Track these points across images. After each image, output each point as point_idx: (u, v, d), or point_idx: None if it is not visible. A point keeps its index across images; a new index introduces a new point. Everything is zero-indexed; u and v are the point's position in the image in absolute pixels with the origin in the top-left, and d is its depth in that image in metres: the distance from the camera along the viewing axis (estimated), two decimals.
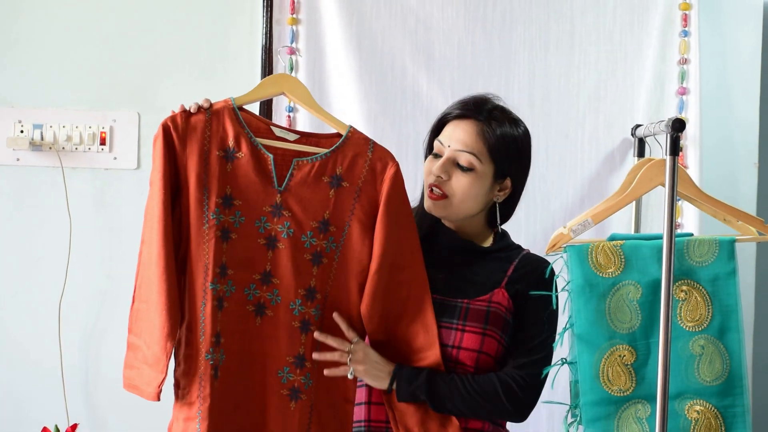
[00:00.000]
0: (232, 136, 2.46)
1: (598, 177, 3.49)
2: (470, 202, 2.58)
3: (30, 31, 3.57)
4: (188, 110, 2.46)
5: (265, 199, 2.46)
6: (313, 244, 2.47)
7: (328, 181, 2.48)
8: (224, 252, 2.44)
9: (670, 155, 2.63)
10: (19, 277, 3.59)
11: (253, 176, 2.46)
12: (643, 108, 3.50)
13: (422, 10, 3.51)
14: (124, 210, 3.57)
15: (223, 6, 3.59)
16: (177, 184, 2.44)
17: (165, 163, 2.41)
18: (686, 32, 3.48)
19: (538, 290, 2.55)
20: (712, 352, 2.68)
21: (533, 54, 3.52)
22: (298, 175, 2.47)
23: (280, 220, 2.46)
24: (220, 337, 2.43)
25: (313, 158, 2.48)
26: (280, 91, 2.59)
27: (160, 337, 2.41)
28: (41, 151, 3.55)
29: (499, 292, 2.55)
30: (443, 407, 2.50)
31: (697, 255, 2.71)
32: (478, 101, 2.61)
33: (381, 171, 2.49)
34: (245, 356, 2.46)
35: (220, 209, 2.44)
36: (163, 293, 2.40)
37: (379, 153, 2.51)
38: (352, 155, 2.49)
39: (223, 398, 2.44)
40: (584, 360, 2.65)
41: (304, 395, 2.46)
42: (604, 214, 2.75)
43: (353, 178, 2.48)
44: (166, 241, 2.41)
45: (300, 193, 2.47)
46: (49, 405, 3.55)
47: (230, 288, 2.45)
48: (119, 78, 3.57)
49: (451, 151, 2.56)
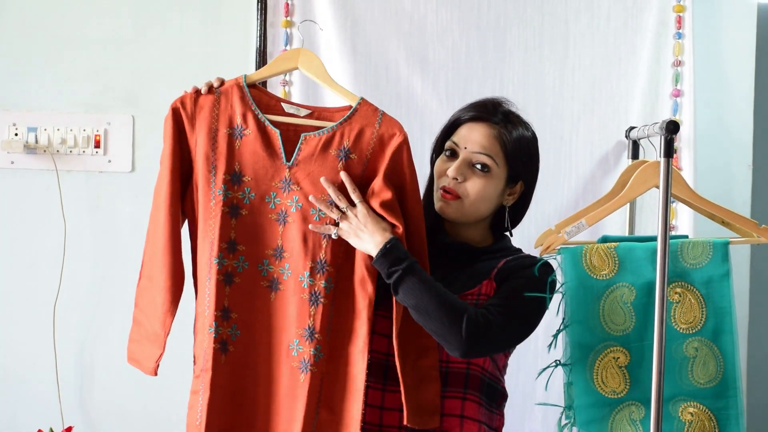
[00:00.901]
0: (240, 113, 2.50)
1: (593, 179, 3.50)
2: (482, 204, 2.58)
3: (23, 35, 3.57)
4: (199, 90, 2.51)
5: (274, 175, 2.49)
6: (322, 217, 2.48)
7: (335, 153, 2.49)
8: (233, 228, 2.49)
9: (664, 157, 2.64)
10: (13, 280, 3.59)
11: (261, 152, 2.49)
12: (637, 110, 3.50)
13: (416, 13, 3.51)
14: (118, 213, 3.56)
15: (217, 9, 3.59)
16: (189, 164, 2.50)
17: (174, 143, 2.48)
18: (680, 34, 3.49)
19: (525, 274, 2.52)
20: (706, 354, 2.68)
21: (527, 56, 3.52)
22: (306, 150, 2.49)
23: (290, 195, 2.49)
24: (230, 311, 2.49)
25: (320, 132, 2.50)
26: (294, 65, 2.61)
27: (160, 313, 2.49)
28: (36, 154, 3.55)
29: (488, 283, 2.54)
30: (403, 283, 2.40)
31: (691, 257, 2.71)
32: (494, 104, 2.61)
33: (388, 141, 2.50)
34: (259, 331, 2.51)
35: (228, 186, 2.48)
36: (165, 270, 2.48)
37: (388, 124, 2.52)
38: (359, 127, 2.51)
39: (232, 372, 2.49)
40: (578, 362, 2.65)
41: (314, 368, 2.47)
42: (599, 216, 2.76)
43: (361, 150, 2.50)
44: (171, 219, 2.48)
45: (308, 168, 2.49)
46: (44, 408, 3.55)
47: (242, 264, 2.49)
48: (113, 81, 3.57)
49: (468, 152, 2.56)
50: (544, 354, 2.77)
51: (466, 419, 2.53)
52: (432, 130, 3.34)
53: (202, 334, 2.50)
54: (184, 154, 2.50)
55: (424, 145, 3.16)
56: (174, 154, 2.48)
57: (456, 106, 3.40)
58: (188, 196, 2.52)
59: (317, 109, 2.60)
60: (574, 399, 2.66)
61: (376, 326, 2.52)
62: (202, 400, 2.47)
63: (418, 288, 2.40)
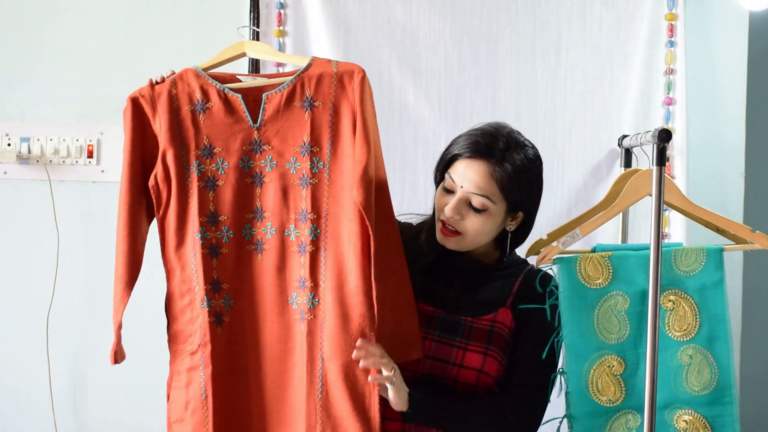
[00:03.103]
0: (198, 89, 2.57)
1: (585, 188, 3.50)
2: (482, 238, 2.61)
3: (16, 45, 3.56)
4: (153, 81, 2.59)
5: (243, 139, 2.55)
6: (298, 169, 2.54)
7: (300, 105, 2.55)
8: (211, 201, 2.54)
9: (657, 165, 2.64)
10: (6, 290, 3.58)
11: (227, 120, 2.55)
12: (629, 118, 3.50)
13: (409, 22, 3.51)
14: (111, 223, 3.52)
15: (210, 18, 3.59)
16: (154, 151, 2.55)
17: (134, 133, 2.55)
18: (672, 43, 3.49)
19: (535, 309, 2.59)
20: (701, 361, 2.68)
21: (520, 65, 3.52)
22: (270, 108, 2.55)
23: (262, 156, 2.55)
24: (220, 283, 2.54)
25: (280, 88, 2.56)
26: (241, 51, 2.72)
27: (117, 301, 2.54)
28: (28, 164, 3.55)
29: (504, 311, 2.58)
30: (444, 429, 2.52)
31: (684, 264, 2.72)
32: (490, 139, 2.59)
33: (349, 81, 2.55)
34: (250, 295, 2.56)
35: (201, 161, 2.54)
36: (122, 258, 2.54)
37: (344, 66, 2.58)
38: (317, 75, 2.56)
39: (232, 342, 2.54)
40: (573, 371, 2.65)
41: (309, 314, 2.52)
42: (593, 226, 2.76)
43: (324, 96, 2.55)
44: (129, 208, 2.55)
45: (276, 125, 2.55)
46: (37, 420, 3.54)
47: (227, 234, 2.55)
48: (106, 91, 3.57)
49: (464, 192, 2.56)
50: None
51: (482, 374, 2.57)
52: (425, 138, 3.37)
53: (190, 311, 2.54)
54: (148, 141, 2.55)
55: (417, 153, 3.17)
56: (134, 143, 2.55)
57: (448, 115, 3.43)
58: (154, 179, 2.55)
59: (272, 75, 2.71)
60: (570, 408, 2.66)
61: None
62: (204, 375, 2.51)
63: (458, 425, 2.51)
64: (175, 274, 2.56)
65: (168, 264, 2.57)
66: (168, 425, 2.61)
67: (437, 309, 2.60)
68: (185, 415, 2.54)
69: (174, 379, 2.58)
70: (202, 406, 2.52)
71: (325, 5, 3.49)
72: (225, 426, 2.54)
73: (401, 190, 3.03)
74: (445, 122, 3.43)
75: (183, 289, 2.55)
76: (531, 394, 2.56)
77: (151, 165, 2.55)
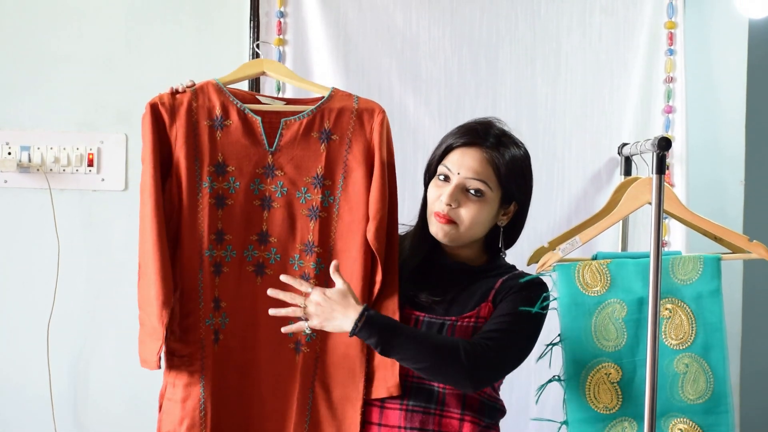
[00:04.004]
0: (219, 105, 2.56)
1: (585, 196, 3.50)
2: (477, 228, 2.59)
3: (17, 54, 3.57)
4: (175, 90, 2.57)
5: (257, 162, 2.56)
6: (309, 200, 2.55)
7: (317, 136, 2.56)
8: (220, 219, 2.55)
9: (657, 174, 2.65)
10: (7, 298, 3.58)
11: (243, 140, 2.55)
12: (629, 127, 3.51)
13: (409, 31, 3.51)
14: (112, 231, 3.56)
15: (210, 27, 3.59)
16: (169, 159, 2.54)
17: (154, 139, 2.52)
18: (672, 51, 3.50)
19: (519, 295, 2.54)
20: (696, 370, 2.68)
21: (520, 73, 3.53)
22: (288, 134, 2.56)
23: (274, 181, 2.56)
24: (220, 301, 2.54)
25: (300, 116, 2.57)
26: (261, 70, 2.73)
27: (155, 306, 2.50)
28: (29, 173, 3.55)
29: (485, 305, 2.55)
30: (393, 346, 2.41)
31: (681, 273, 2.72)
32: (484, 127, 2.61)
33: (369, 119, 2.57)
34: (249, 316, 2.56)
35: (213, 177, 2.54)
36: (156, 265, 2.49)
37: (365, 103, 2.59)
38: (338, 109, 2.57)
39: (225, 360, 2.55)
40: (571, 378, 2.66)
41: (306, 347, 2.54)
42: (592, 234, 2.77)
43: (342, 130, 2.56)
44: (157, 215, 2.50)
45: (291, 152, 2.56)
46: (38, 425, 3.54)
47: (230, 253, 2.56)
48: (107, 100, 3.57)
49: (461, 178, 2.56)
50: (536, 371, 2.77)
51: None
52: (425, 146, 3.36)
53: (193, 328, 2.52)
54: (164, 149, 2.54)
55: (417, 161, 3.17)
56: (155, 149, 2.52)
57: (448, 123, 3.43)
58: (167, 190, 2.53)
59: (292, 100, 2.69)
60: (567, 415, 2.66)
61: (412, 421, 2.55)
62: (204, 393, 2.51)
63: (407, 344, 2.42)
64: (179, 289, 2.53)
65: (175, 277, 2.54)
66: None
67: (422, 313, 2.58)
68: (180, 430, 2.52)
69: (168, 391, 2.57)
70: (200, 424, 2.51)
71: (325, 14, 3.49)
72: None
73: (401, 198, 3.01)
74: (445, 130, 3.38)
75: (188, 307, 2.53)
76: (489, 341, 2.45)
77: (165, 169, 2.55)
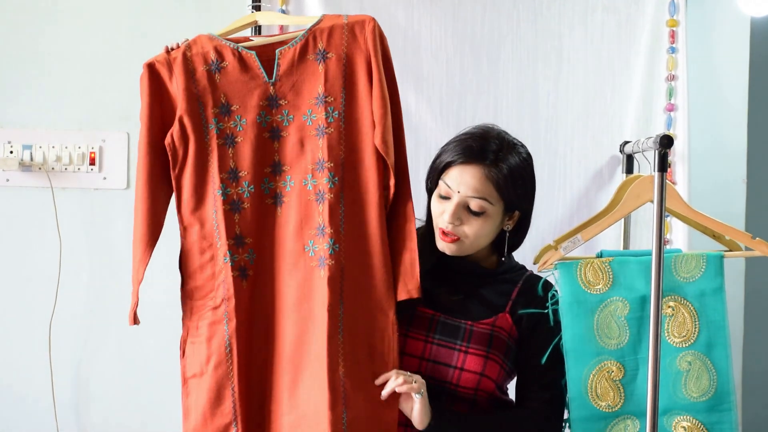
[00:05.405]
0: (213, 49, 2.62)
1: (587, 194, 3.50)
2: (483, 240, 2.62)
3: (18, 52, 3.57)
4: (169, 48, 2.65)
5: (260, 95, 2.60)
6: (314, 120, 2.58)
7: (313, 57, 2.60)
8: (231, 157, 2.59)
9: (659, 171, 2.65)
10: (9, 297, 3.58)
11: (242, 78, 2.60)
12: (631, 124, 3.50)
13: (410, 29, 3.51)
14: (114, 230, 3.56)
15: (211, 27, 3.57)
16: (171, 113, 2.60)
17: (151, 96, 2.60)
18: (674, 49, 3.49)
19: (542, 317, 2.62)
20: (699, 368, 2.68)
21: (521, 71, 3.52)
22: (284, 63, 2.60)
23: (279, 110, 2.60)
24: (243, 237, 2.58)
25: (293, 42, 2.61)
26: (253, 20, 2.82)
27: (140, 246, 2.59)
28: (31, 172, 3.55)
29: (503, 316, 2.59)
30: None
31: (684, 271, 2.72)
32: (481, 142, 2.60)
33: (361, 30, 2.60)
34: (272, 248, 2.60)
35: (219, 118, 2.59)
36: (143, 205, 2.60)
37: (354, 17, 2.63)
38: (329, 28, 2.61)
39: (250, 296, 2.58)
40: (573, 376, 2.66)
41: (331, 260, 2.54)
42: (594, 232, 2.77)
43: (336, 47, 2.60)
44: (149, 168, 2.59)
45: (291, 79, 2.60)
46: (40, 426, 3.54)
47: (248, 189, 2.59)
48: (109, 98, 3.57)
49: (461, 196, 2.57)
50: None
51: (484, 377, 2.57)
52: (427, 144, 3.37)
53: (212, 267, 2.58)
54: (166, 105, 2.60)
55: (419, 160, 3.16)
56: (152, 107, 2.59)
57: (450, 121, 3.43)
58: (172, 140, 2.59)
59: (281, 34, 2.73)
60: (570, 413, 2.67)
61: None
62: (228, 329, 2.54)
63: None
64: (192, 231, 2.60)
65: (184, 221, 2.61)
66: (183, 381, 2.62)
67: (437, 312, 2.61)
68: (206, 369, 2.56)
69: (191, 335, 2.61)
70: (226, 360, 2.55)
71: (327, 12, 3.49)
72: (248, 378, 2.57)
73: None
74: (446, 129, 3.42)
75: (203, 245, 2.59)
76: (550, 406, 2.60)
77: (169, 127, 2.60)
